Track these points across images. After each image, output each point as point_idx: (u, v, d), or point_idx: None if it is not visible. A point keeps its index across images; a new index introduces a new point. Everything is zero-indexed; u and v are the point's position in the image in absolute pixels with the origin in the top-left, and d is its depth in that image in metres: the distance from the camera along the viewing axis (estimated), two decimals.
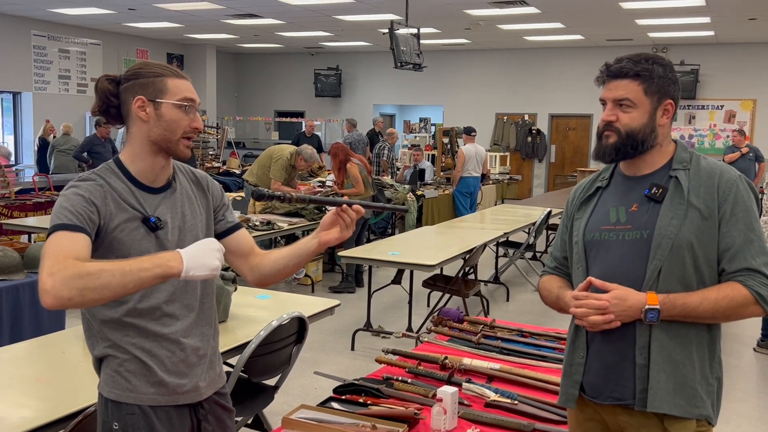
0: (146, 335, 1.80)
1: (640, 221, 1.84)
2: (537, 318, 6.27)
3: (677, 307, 1.76)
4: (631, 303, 1.77)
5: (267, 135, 17.92)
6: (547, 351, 2.96)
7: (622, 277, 1.82)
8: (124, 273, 1.54)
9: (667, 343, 1.79)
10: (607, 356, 1.87)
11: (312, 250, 1.90)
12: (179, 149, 1.81)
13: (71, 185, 1.75)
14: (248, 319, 3.34)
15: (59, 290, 1.51)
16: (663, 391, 1.78)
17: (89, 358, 1.90)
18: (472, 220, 7.87)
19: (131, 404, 1.80)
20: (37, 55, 13.39)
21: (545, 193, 15.20)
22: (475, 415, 2.27)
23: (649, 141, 1.85)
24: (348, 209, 1.85)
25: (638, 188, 1.88)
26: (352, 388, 2.49)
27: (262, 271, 1.96)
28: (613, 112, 1.86)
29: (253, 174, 7.59)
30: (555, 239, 2.12)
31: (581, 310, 1.82)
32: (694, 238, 1.78)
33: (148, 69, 1.80)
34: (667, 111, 1.87)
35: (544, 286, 2.06)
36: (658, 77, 1.84)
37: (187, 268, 1.59)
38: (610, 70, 1.88)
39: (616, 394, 1.86)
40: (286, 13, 11.83)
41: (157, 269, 1.57)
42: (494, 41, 14.80)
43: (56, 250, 1.59)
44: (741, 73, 13.95)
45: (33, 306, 3.92)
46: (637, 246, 1.83)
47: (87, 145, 9.85)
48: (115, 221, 1.75)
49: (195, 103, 1.82)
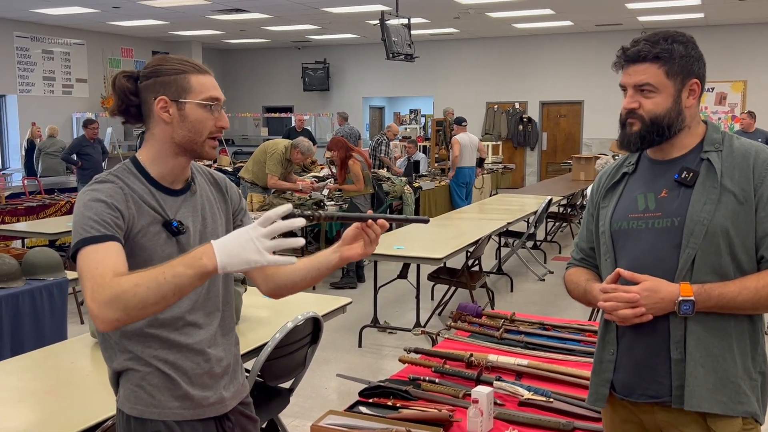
0: (170, 346, 1.69)
1: (671, 208, 1.73)
2: (543, 308, 6.20)
3: (713, 298, 1.65)
4: (663, 295, 1.67)
5: (256, 131, 17.77)
6: (573, 344, 2.88)
7: (653, 267, 1.72)
8: (159, 284, 1.43)
9: (704, 337, 1.69)
10: (639, 352, 1.76)
11: (333, 265, 1.78)
12: (205, 150, 1.70)
13: (89, 189, 1.63)
14: (259, 320, 3.24)
15: (105, 314, 1.43)
16: (702, 388, 1.68)
17: (99, 368, 1.80)
18: (472, 211, 7.79)
19: (156, 420, 1.70)
20: (20, 56, 13.17)
21: (539, 181, 15.13)
22: (511, 415, 2.18)
23: (676, 125, 1.74)
24: (373, 225, 1.72)
25: (667, 173, 1.77)
26: (378, 390, 2.38)
27: (277, 282, 1.85)
28: (635, 98, 1.75)
29: (248, 171, 7.46)
30: (580, 229, 2.01)
31: (610, 303, 1.71)
32: (729, 224, 1.67)
33: (169, 65, 1.67)
34: (693, 91, 1.76)
35: (570, 279, 1.95)
36: (679, 57, 1.73)
37: (222, 264, 1.43)
38: (627, 54, 1.76)
39: (650, 391, 1.75)
40: (272, 6, 11.68)
41: (190, 271, 1.44)
42: (483, 30, 14.70)
43: (92, 269, 1.49)
44: (731, 55, 13.91)
45: (33, 314, 3.79)
46: (668, 234, 1.72)
47: (75, 146, 9.66)
48: (137, 226, 1.64)
49: (220, 101, 1.71)
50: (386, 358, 5.04)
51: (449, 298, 5.88)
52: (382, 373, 4.56)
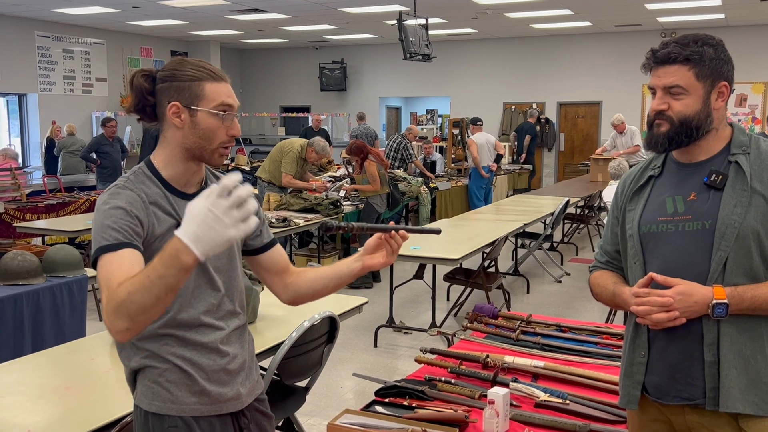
0: (186, 344, 1.72)
1: (701, 210, 1.74)
2: (560, 310, 6.17)
3: (746, 300, 1.66)
4: (697, 298, 1.67)
5: (273, 131, 17.82)
6: (590, 346, 2.87)
7: (684, 270, 1.72)
8: (148, 288, 1.41)
9: (737, 338, 1.70)
10: (672, 355, 1.76)
11: (354, 273, 1.80)
12: (214, 158, 1.71)
13: (108, 197, 1.65)
14: (276, 319, 3.25)
15: (116, 325, 1.46)
16: (735, 389, 1.68)
17: (118, 365, 1.82)
18: (488, 212, 7.76)
19: (173, 416, 1.72)
20: (41, 56, 13.30)
21: (556, 182, 15.06)
22: (527, 417, 2.17)
23: (704, 127, 1.75)
24: (396, 235, 1.76)
25: (696, 176, 1.78)
26: (394, 390, 2.39)
27: (298, 291, 1.86)
28: (664, 100, 1.76)
29: (265, 170, 7.49)
30: (605, 232, 2.01)
31: (644, 308, 1.71)
32: (760, 226, 1.68)
33: (184, 70, 1.68)
34: (722, 93, 1.77)
35: (597, 282, 1.95)
36: (709, 59, 1.74)
37: (202, 253, 1.35)
38: (656, 56, 1.77)
39: (684, 393, 1.75)
40: (291, 6, 11.71)
41: (172, 270, 1.38)
42: (501, 30, 14.65)
43: (105, 281, 1.52)
44: (752, 56, 13.75)
45: (53, 311, 3.83)
46: (699, 237, 1.73)
47: (94, 145, 9.75)
48: (157, 233, 1.66)
49: (233, 109, 1.70)
50: (402, 359, 5.05)
51: (465, 299, 5.87)
52: (398, 373, 4.57)
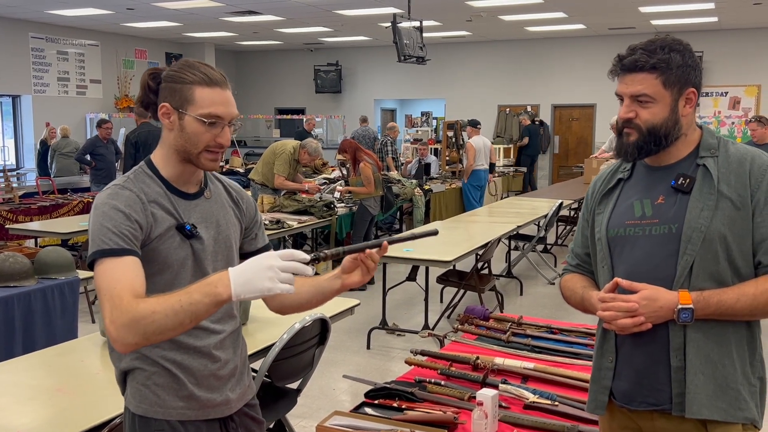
0: (178, 347, 1.71)
1: (668, 214, 1.72)
2: (553, 312, 6.18)
3: (712, 305, 1.65)
4: (662, 303, 1.66)
5: (268, 133, 17.83)
6: (580, 348, 2.88)
7: (651, 274, 1.71)
8: (176, 312, 1.47)
9: (703, 344, 1.68)
10: (639, 360, 1.75)
11: (335, 290, 1.78)
12: (200, 162, 1.71)
13: (107, 196, 1.64)
14: (267, 320, 3.26)
15: (124, 338, 1.48)
16: (702, 395, 1.67)
17: (109, 366, 1.82)
18: (482, 214, 7.78)
19: (160, 419, 1.72)
20: (35, 57, 13.28)
21: (550, 185, 15.09)
22: (516, 418, 2.18)
23: (673, 134, 1.73)
24: (372, 254, 1.67)
25: (664, 179, 1.76)
26: (384, 392, 2.40)
27: (283, 301, 1.85)
28: (632, 108, 1.74)
29: (258, 173, 7.49)
30: (576, 235, 1.99)
31: (609, 313, 1.70)
32: (726, 230, 1.66)
33: (182, 73, 1.68)
34: (690, 100, 1.74)
35: (566, 285, 1.94)
36: (676, 66, 1.71)
37: (236, 293, 1.47)
38: (623, 63, 1.75)
39: (651, 399, 1.74)
40: (286, 9, 11.72)
41: (206, 299, 1.48)
42: (495, 32, 14.69)
43: (110, 288, 1.52)
44: (745, 59, 13.83)
45: (45, 313, 3.83)
46: (666, 241, 1.71)
47: (89, 147, 9.73)
48: (155, 233, 1.66)
49: (222, 120, 1.68)
50: (395, 360, 5.05)
51: (458, 301, 5.88)
52: (390, 374, 4.58)
